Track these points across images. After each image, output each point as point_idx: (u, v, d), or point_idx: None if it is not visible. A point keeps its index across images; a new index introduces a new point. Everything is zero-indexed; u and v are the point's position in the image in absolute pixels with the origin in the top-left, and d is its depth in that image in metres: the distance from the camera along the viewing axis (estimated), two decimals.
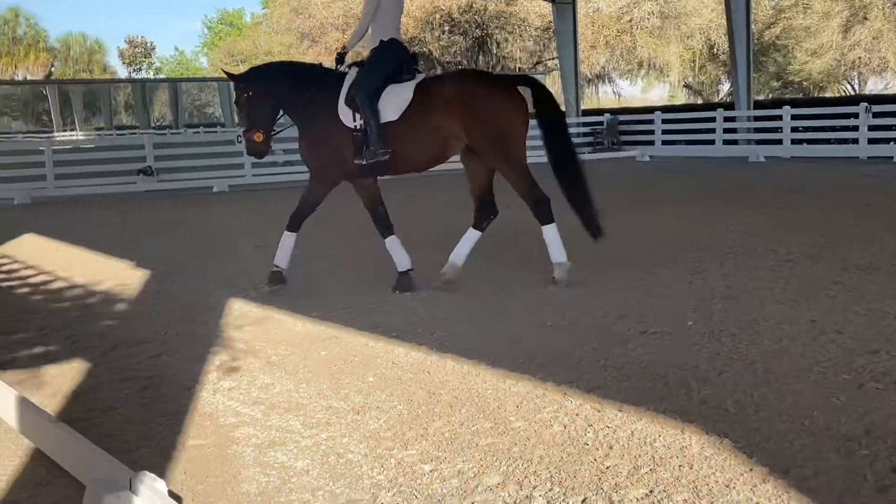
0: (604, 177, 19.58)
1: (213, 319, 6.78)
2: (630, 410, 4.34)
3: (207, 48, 70.28)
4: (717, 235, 9.83)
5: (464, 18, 42.29)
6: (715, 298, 6.68)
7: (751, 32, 25.07)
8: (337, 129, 7.50)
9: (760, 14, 38.66)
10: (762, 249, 8.77)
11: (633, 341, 5.62)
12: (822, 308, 6.24)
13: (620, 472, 3.65)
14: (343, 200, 8.91)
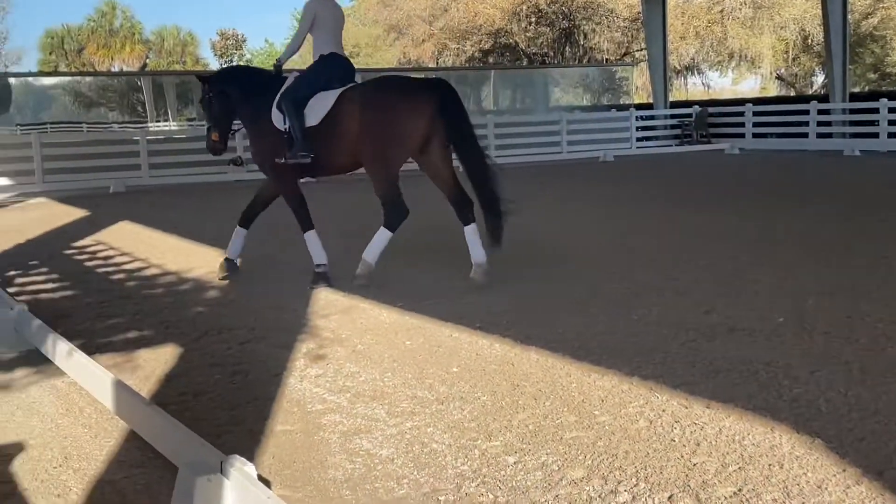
0: (691, 170, 19.31)
1: (301, 308, 6.88)
2: (718, 407, 4.27)
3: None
4: (809, 231, 9.60)
5: (551, 9, 42.02)
6: (807, 295, 6.52)
7: (847, 23, 24.33)
8: (271, 131, 8.00)
9: (857, 4, 37.52)
10: (857, 247, 8.53)
11: (722, 337, 5.52)
12: None
13: (708, 469, 3.60)
14: (424, 197, 8.95)
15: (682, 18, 41.23)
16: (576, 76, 35.64)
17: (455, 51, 45.74)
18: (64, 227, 12.89)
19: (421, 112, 7.50)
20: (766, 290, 6.78)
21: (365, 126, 7.56)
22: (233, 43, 66.37)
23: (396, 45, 50.80)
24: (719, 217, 11.05)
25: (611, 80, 34.90)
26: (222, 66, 62.95)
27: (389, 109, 7.50)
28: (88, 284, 8.25)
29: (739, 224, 10.41)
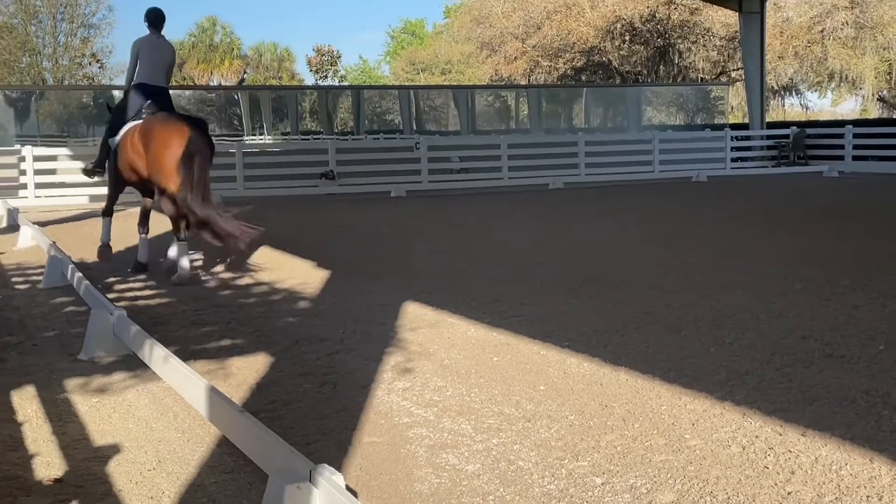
0: (787, 192, 18.88)
1: (389, 321, 6.93)
2: (814, 435, 4.14)
3: (390, 57, 72.14)
4: None
5: (645, 28, 41.68)
6: None
7: None
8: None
9: None
10: None
11: (819, 363, 5.36)
12: None
13: (803, 498, 3.49)
14: (513, 215, 8.94)
15: (781, 38, 40.44)
16: (669, 95, 35.24)
17: (547, 68, 45.69)
18: (163, 236, 13.23)
19: (174, 141, 8.63)
20: (865, 316, 6.57)
21: (140, 154, 9.02)
22: (328, 59, 67.53)
23: (488, 63, 51.01)
24: (816, 240, 10.77)
25: (705, 99, 34.40)
26: (317, 81, 64.12)
27: (153, 139, 8.77)
28: (184, 293, 8.45)
29: (837, 248, 10.13)
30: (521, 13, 46.51)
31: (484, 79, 50.90)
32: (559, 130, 31.85)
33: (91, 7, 52.77)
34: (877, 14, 39.68)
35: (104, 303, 6.62)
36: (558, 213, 15.51)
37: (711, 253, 10.01)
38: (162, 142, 8.67)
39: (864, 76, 41.77)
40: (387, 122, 34.60)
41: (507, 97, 35.99)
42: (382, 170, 21.57)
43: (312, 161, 21.70)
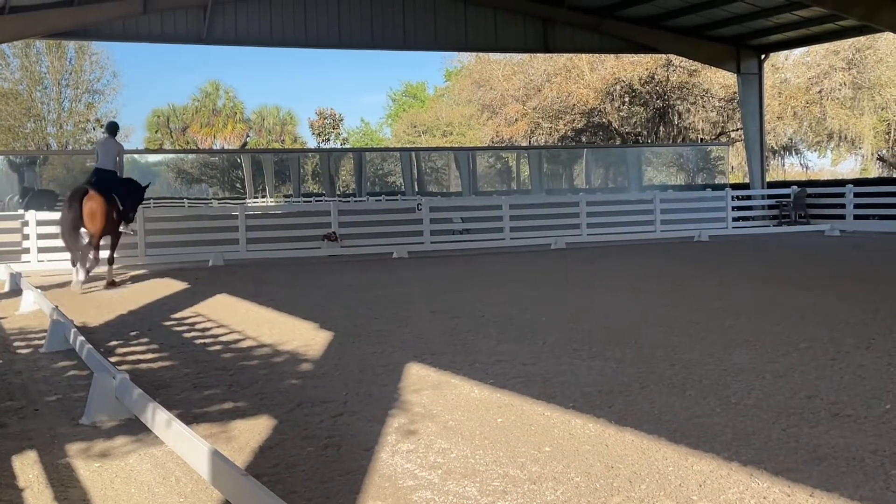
0: (789, 250, 18.90)
1: (392, 382, 6.90)
2: (822, 496, 4.10)
3: (391, 119, 72.85)
4: None
5: (644, 89, 42.14)
6: None
7: None
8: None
9: None
10: None
11: (825, 423, 5.33)
12: None
13: None
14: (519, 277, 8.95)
15: (780, 98, 40.86)
16: (670, 155, 35.48)
17: (548, 129, 46.10)
18: (164, 300, 13.25)
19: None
20: (871, 375, 6.54)
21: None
22: (330, 122, 68.16)
23: (489, 125, 51.49)
24: (820, 299, 10.76)
25: (705, 159, 34.63)
26: (319, 144, 64.67)
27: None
28: (186, 355, 8.43)
29: (841, 306, 10.11)
30: (521, 76, 47.08)
31: (485, 140, 51.33)
32: (560, 191, 32.02)
33: (96, 73, 53.49)
34: (874, 75, 40.13)
35: (106, 366, 6.60)
36: (560, 273, 15.52)
37: (715, 312, 9.99)
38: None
39: (863, 136, 42.10)
40: (388, 183, 34.80)
41: (508, 158, 36.24)
42: (385, 231, 21.66)
43: (315, 223, 21.78)
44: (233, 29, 24.88)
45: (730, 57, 28.62)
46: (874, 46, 39.34)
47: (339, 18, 25.67)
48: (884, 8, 22.93)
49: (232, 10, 24.63)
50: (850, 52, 39.66)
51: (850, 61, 39.93)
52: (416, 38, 26.57)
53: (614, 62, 42.01)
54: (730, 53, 28.55)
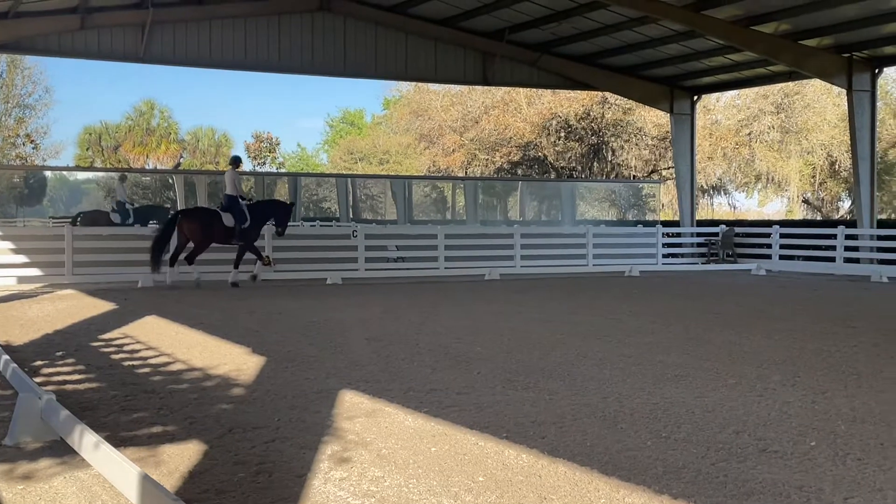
0: (717, 288, 19.27)
1: (325, 409, 6.85)
2: None
3: (328, 145, 72.69)
4: (839, 355, 9.49)
5: (580, 125, 42.76)
6: (839, 420, 6.43)
7: (875, 151, 24.57)
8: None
9: (885, 133, 37.95)
10: (889, 373, 8.43)
11: (753, 458, 5.43)
12: None
13: None
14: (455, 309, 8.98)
15: (711, 139, 41.79)
16: (603, 191, 36.00)
17: (484, 161, 46.46)
18: (91, 319, 12.98)
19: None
20: (796, 412, 6.69)
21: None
22: (267, 146, 67.72)
23: (426, 154, 51.72)
24: (747, 337, 10.98)
25: (637, 196, 35.21)
26: (255, 168, 64.17)
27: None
28: (114, 377, 8.26)
29: (767, 344, 10.33)
30: (459, 107, 47.43)
31: (422, 169, 51.52)
32: (495, 222, 32.21)
33: (28, 88, 52.40)
34: (801, 119, 41.32)
35: (32, 386, 6.44)
36: (494, 303, 15.60)
37: (646, 346, 10.13)
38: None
39: (790, 178, 43.25)
40: (324, 209, 34.66)
41: (444, 188, 36.40)
42: (319, 257, 21.53)
43: None
44: (171, 48, 24.66)
45: (663, 97, 29.24)
46: (802, 92, 40.55)
47: (279, 42, 25.63)
48: (811, 56, 23.71)
49: (171, 30, 24.42)
50: (779, 96, 40.81)
51: (778, 106, 41.07)
52: (356, 65, 26.64)
53: (551, 97, 42.59)
54: (663, 93, 29.18)
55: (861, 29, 22.09)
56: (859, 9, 20.79)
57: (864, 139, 23.80)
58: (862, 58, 23.72)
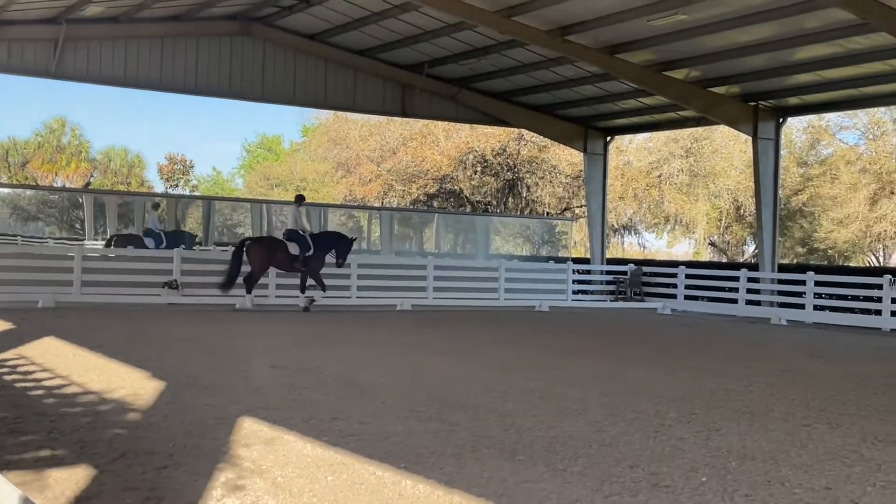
0: (623, 326, 19.61)
1: (223, 436, 6.74)
2: None
3: (244, 170, 71.93)
4: (735, 394, 9.74)
5: (496, 161, 43.22)
6: (730, 456, 6.58)
7: (778, 197, 25.43)
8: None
9: (788, 180, 39.24)
10: (779, 412, 8.68)
11: (645, 493, 5.52)
12: (838, 476, 6.13)
13: None
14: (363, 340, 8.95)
15: (622, 180, 42.64)
16: (517, 226, 36.42)
17: (401, 192, 46.57)
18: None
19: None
20: (690, 448, 6.84)
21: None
22: (180, 168, 66.67)
23: (343, 183, 51.58)
24: (649, 373, 11.19)
25: (550, 232, 35.69)
26: (167, 189, 63.13)
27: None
28: (4, 399, 8.00)
29: (667, 381, 10.54)
30: (377, 138, 47.50)
31: (338, 198, 51.34)
32: (409, 253, 32.25)
33: None
34: (709, 164, 42.49)
35: None
36: (404, 334, 15.59)
37: (550, 380, 10.24)
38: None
39: (697, 221, 44.34)
40: (237, 234, 34.24)
41: (360, 217, 36.34)
42: None
43: (156, 269, 21.15)
44: (84, 65, 24.17)
45: (578, 136, 29.77)
46: (710, 137, 41.73)
47: (196, 64, 25.36)
48: (720, 103, 24.47)
49: (84, 47, 23.95)
50: (689, 141, 41.91)
51: (688, 150, 42.17)
52: (274, 91, 26.51)
53: (469, 132, 42.99)
54: (578, 133, 29.71)
55: (767, 79, 22.93)
56: (765, 60, 21.56)
57: (767, 185, 24.60)
58: (768, 107, 24.59)
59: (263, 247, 20.55)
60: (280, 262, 20.45)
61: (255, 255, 20.07)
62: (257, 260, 20.11)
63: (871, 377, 11.80)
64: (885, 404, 9.40)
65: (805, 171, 41.76)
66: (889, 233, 38.57)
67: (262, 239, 21.88)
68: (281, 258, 20.35)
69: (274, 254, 20.29)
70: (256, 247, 20.43)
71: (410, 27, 24.04)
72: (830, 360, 14.02)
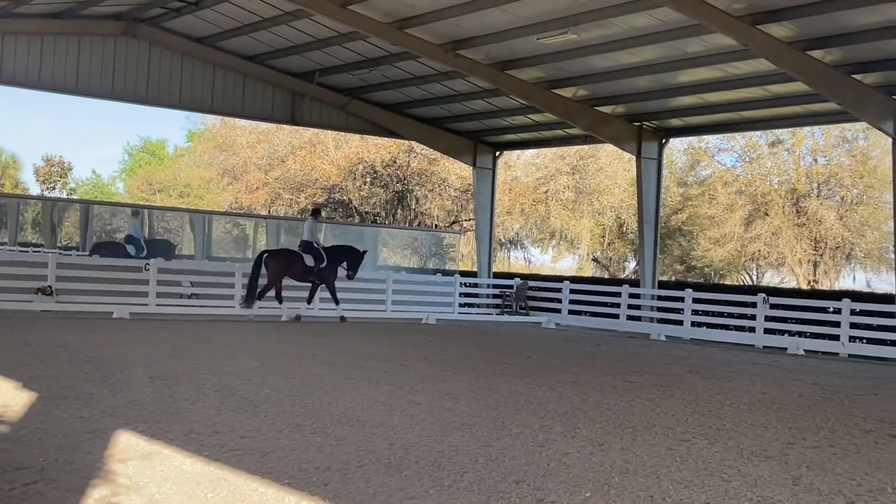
0: (509, 339, 19.79)
1: (98, 450, 6.48)
2: None
3: (126, 174, 69.96)
4: (618, 408, 9.91)
5: (386, 172, 43.19)
6: (613, 471, 6.68)
7: (659, 216, 26.17)
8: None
9: (669, 199, 40.40)
10: (660, 427, 8.86)
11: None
12: (716, 491, 6.28)
13: None
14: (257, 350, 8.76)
15: (510, 195, 43.16)
16: (405, 238, 36.42)
17: (288, 201, 46.04)
18: None
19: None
20: (575, 463, 6.90)
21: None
22: (58, 170, 64.38)
23: (229, 190, 50.72)
24: (534, 388, 11.29)
25: (438, 245, 35.82)
26: (43, 191, 60.89)
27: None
28: None
29: (552, 395, 10.65)
30: (265, 145, 46.86)
31: (224, 205, 50.41)
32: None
33: None
34: (594, 182, 43.43)
35: None
36: (289, 345, 15.35)
37: (436, 394, 10.22)
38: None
39: (581, 237, 45.24)
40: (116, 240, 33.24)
41: (246, 225, 35.74)
42: (107, 289, 20.52)
43: (29, 274, 20.30)
44: None
45: (467, 150, 30.01)
46: (596, 156, 42.68)
47: (77, 64, 24.52)
48: (606, 122, 25.04)
49: None
50: (575, 158, 42.77)
51: (574, 167, 43.01)
52: (159, 94, 25.86)
53: (359, 142, 42.83)
54: (467, 147, 29.95)
55: (651, 101, 23.60)
56: (650, 82, 22.18)
57: (649, 204, 25.28)
58: (651, 127, 25.29)
59: (281, 259, 21.53)
60: (296, 273, 21.46)
61: (273, 267, 21.08)
62: (274, 271, 21.08)
63: (746, 393, 12.18)
64: (760, 419, 9.71)
65: (685, 190, 43.13)
66: (762, 252, 40.12)
67: (280, 251, 22.65)
68: (297, 269, 21.43)
69: (291, 265, 21.34)
70: (274, 259, 21.40)
71: (302, 35, 23.83)
72: (708, 375, 14.42)
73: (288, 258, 21.63)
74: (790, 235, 38.84)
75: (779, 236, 39.13)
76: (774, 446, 8.13)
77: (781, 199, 39.55)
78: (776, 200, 39.50)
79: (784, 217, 39.07)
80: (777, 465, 7.32)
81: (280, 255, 21.92)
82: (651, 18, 18.41)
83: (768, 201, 39.66)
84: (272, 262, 21.21)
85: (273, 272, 21.09)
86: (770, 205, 39.57)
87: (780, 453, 7.81)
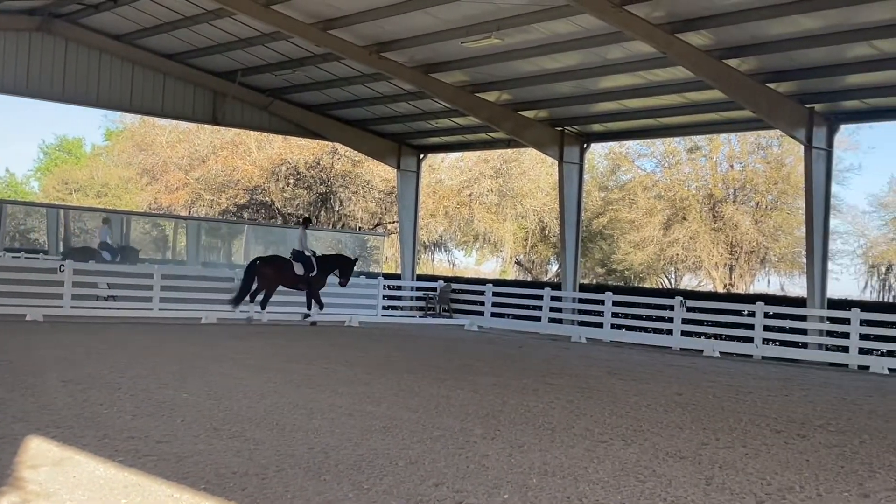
0: (431, 342, 19.82)
1: (6, 456, 6.30)
2: None
3: (41, 173, 68.18)
4: (538, 410, 10.00)
5: (310, 174, 42.89)
6: (532, 473, 6.74)
7: (581, 219, 26.53)
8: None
9: (591, 203, 40.94)
10: (579, 428, 8.97)
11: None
12: (632, 491, 6.39)
13: None
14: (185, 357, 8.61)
15: (434, 197, 43.23)
16: (329, 240, 36.21)
17: (210, 202, 45.38)
18: None
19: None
20: (494, 465, 6.95)
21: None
22: None
23: (148, 190, 49.80)
24: (455, 391, 11.33)
25: (362, 247, 35.70)
26: None
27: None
28: None
29: (473, 398, 10.70)
30: (186, 145, 46.14)
31: (142, 206, 49.47)
32: (218, 265, 31.43)
33: None
34: (517, 185, 43.76)
35: None
36: (209, 348, 15.14)
37: (358, 397, 10.19)
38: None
39: (505, 240, 45.55)
40: (31, 240, 32.37)
41: (165, 226, 35.17)
42: (19, 291, 19.97)
43: None
44: None
45: (391, 152, 29.99)
46: (519, 160, 43.03)
47: None
48: (528, 126, 25.29)
49: None
50: (499, 162, 43.05)
51: (497, 171, 43.29)
52: (75, 91, 25.26)
53: (282, 143, 42.45)
54: (392, 149, 29.92)
55: (573, 106, 23.92)
56: (572, 87, 22.47)
57: (571, 208, 25.60)
58: (573, 132, 25.61)
59: (274, 266, 22.27)
60: (286, 280, 22.30)
61: (268, 272, 21.96)
62: (267, 277, 21.91)
63: (663, 394, 12.41)
64: (676, 420, 9.90)
65: (606, 195, 43.75)
66: (681, 256, 40.90)
67: (273, 258, 23.14)
68: (287, 277, 22.26)
69: (282, 272, 22.17)
70: (267, 266, 22.18)
71: (224, 34, 23.55)
72: (626, 377, 14.65)
73: (280, 265, 22.35)
74: (707, 240, 39.67)
75: (696, 240, 39.94)
76: (689, 447, 8.30)
77: (699, 204, 40.40)
78: (694, 205, 40.34)
79: (701, 221, 39.91)
80: (691, 465, 7.48)
81: (273, 262, 22.58)
82: (573, 25, 18.66)
83: (686, 206, 40.46)
84: (266, 268, 22.00)
85: (267, 277, 21.88)
86: (688, 209, 40.38)
87: (694, 453, 7.98)
